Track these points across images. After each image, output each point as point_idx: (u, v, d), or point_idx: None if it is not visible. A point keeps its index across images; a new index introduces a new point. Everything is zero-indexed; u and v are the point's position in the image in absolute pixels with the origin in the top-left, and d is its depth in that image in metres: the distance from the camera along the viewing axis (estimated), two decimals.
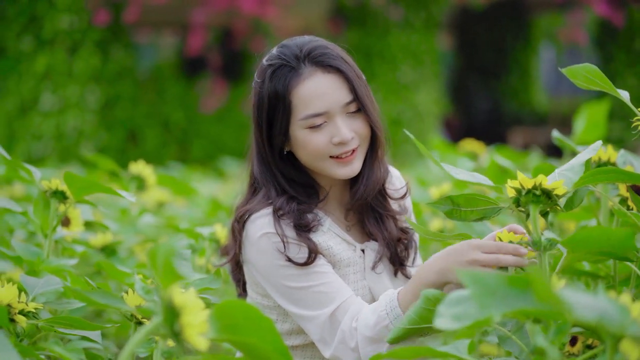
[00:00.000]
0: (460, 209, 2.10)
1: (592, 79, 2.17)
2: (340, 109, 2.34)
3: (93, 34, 13.60)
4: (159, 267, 1.51)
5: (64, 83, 13.46)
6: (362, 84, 2.37)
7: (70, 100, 13.42)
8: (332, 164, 2.36)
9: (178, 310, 1.53)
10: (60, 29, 13.47)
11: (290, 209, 2.34)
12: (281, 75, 2.33)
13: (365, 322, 2.22)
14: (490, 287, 1.43)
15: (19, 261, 2.53)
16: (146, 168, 3.55)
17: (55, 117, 13.38)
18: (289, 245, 2.30)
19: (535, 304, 1.36)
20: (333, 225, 2.42)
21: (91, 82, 13.61)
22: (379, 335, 2.19)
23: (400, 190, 2.57)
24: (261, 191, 2.42)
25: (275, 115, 2.35)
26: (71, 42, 13.55)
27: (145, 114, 14.20)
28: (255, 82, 2.41)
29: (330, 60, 2.34)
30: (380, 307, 2.22)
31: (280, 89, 2.33)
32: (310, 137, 2.33)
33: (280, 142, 2.38)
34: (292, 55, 2.35)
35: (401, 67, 14.61)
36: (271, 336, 1.62)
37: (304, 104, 2.32)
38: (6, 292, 2.01)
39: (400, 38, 14.65)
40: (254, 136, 2.43)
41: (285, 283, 2.30)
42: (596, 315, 1.27)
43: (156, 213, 4.39)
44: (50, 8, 13.51)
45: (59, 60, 13.44)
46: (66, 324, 2.04)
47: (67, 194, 2.55)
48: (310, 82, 2.33)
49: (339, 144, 2.34)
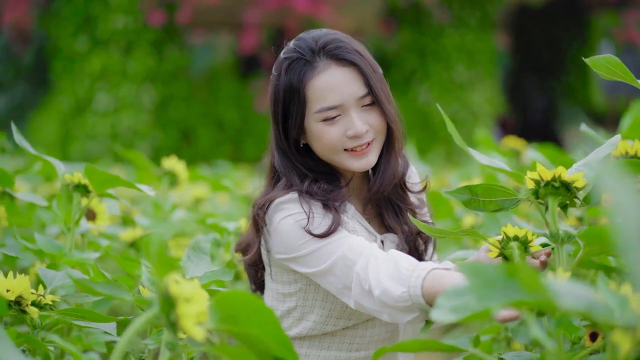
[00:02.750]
0: (479, 199, 2.07)
1: (614, 70, 2.16)
2: (354, 102, 2.32)
3: (147, 35, 13.71)
4: (153, 257, 1.50)
5: (118, 83, 13.57)
6: (377, 77, 2.36)
7: (124, 100, 13.54)
8: (346, 157, 2.35)
9: (174, 300, 1.52)
10: (115, 29, 13.58)
11: (319, 188, 2.33)
12: (296, 69, 2.33)
13: (386, 287, 2.12)
14: (489, 278, 1.40)
15: (40, 254, 2.54)
16: (178, 164, 3.55)
17: (110, 117, 13.50)
18: (314, 219, 2.28)
19: (533, 295, 1.33)
20: (356, 214, 2.41)
21: (146, 82, 13.71)
22: (398, 302, 2.11)
23: (419, 184, 2.55)
24: (282, 180, 2.41)
25: (291, 108, 2.34)
26: (126, 42, 13.66)
27: (199, 114, 14.28)
28: (273, 75, 2.41)
29: (345, 53, 2.33)
30: (403, 288, 2.12)
31: (295, 82, 2.32)
32: (325, 130, 2.32)
33: (296, 135, 2.38)
34: (307, 48, 2.34)
35: (455, 66, 14.54)
36: (272, 327, 1.60)
37: (319, 97, 2.31)
38: (18, 284, 2.01)
39: (454, 37, 14.58)
40: (272, 129, 2.43)
41: (309, 256, 2.28)
42: (584, 305, 1.24)
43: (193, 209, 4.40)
44: (105, 8, 13.63)
45: (114, 60, 13.56)
46: (78, 316, 2.04)
47: (89, 188, 2.55)
48: (325, 75, 2.32)
49: (353, 137, 2.33)
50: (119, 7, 13.60)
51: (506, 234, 2.08)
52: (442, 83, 14.38)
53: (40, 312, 2.07)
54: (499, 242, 2.09)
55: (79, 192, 2.57)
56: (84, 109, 13.68)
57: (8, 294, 2.01)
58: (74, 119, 13.73)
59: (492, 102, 14.88)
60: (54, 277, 2.26)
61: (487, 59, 14.93)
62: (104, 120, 13.50)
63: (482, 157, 2.01)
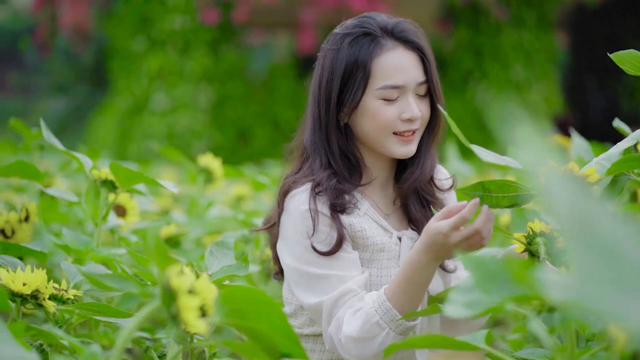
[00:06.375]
0: (492, 195, 2.06)
1: (637, 65, 2.14)
2: (413, 87, 2.34)
3: (204, 34, 13.79)
4: (152, 251, 1.50)
5: (175, 83, 13.67)
6: (435, 69, 2.39)
7: (181, 99, 13.63)
8: (393, 140, 2.35)
9: (175, 293, 1.52)
10: (172, 29, 13.68)
11: (329, 186, 2.32)
12: (363, 43, 2.33)
13: (349, 328, 2.22)
14: (491, 272, 1.38)
15: (67, 250, 2.56)
16: (214, 161, 3.56)
17: (167, 116, 13.59)
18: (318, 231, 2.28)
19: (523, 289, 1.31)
20: (370, 210, 2.40)
21: (202, 82, 13.79)
22: (367, 334, 2.19)
23: (446, 181, 2.53)
24: (308, 162, 2.41)
25: (350, 82, 2.34)
26: (182, 42, 13.76)
27: (255, 114, 14.34)
28: (327, 50, 2.39)
29: (413, 37, 2.35)
30: (368, 306, 2.20)
31: (362, 56, 2.32)
32: (382, 108, 2.32)
33: (348, 110, 2.36)
34: (377, 26, 2.35)
35: (513, 65, 14.44)
36: (280, 322, 1.59)
37: (384, 74, 2.32)
38: (34, 278, 2.03)
39: (512, 36, 14.48)
40: (313, 104, 2.41)
41: (304, 267, 2.29)
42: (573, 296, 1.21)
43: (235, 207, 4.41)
44: (162, 8, 13.73)
45: (171, 60, 13.66)
46: (96, 310, 2.05)
47: (116, 184, 2.57)
48: (393, 54, 2.32)
49: (407, 121, 2.33)
50: (175, 7, 13.70)
51: (532, 230, 2.06)
52: (499, 83, 14.29)
53: (59, 307, 2.08)
54: (524, 237, 2.07)
55: (106, 187, 2.59)
56: (142, 108, 13.80)
57: (24, 288, 2.02)
58: (131, 118, 13.86)
59: (550, 102, 14.75)
60: (77, 272, 2.28)
61: (545, 58, 14.82)
62: (161, 120, 13.61)
63: (486, 154, 1.99)
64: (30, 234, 2.69)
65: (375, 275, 2.34)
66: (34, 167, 2.66)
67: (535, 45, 14.67)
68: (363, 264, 2.34)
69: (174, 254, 3.13)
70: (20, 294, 2.04)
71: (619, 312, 0.85)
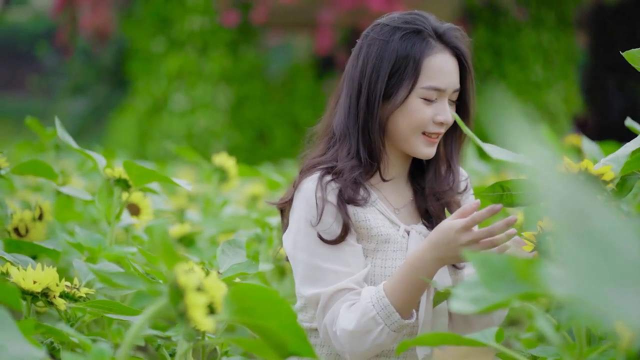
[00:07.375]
0: (511, 194, 2.06)
1: None
2: (450, 93, 2.39)
3: (223, 35, 13.80)
4: (159, 248, 1.51)
5: (194, 83, 13.69)
6: (472, 78, 2.45)
7: (201, 100, 13.64)
8: (421, 140, 2.38)
9: (182, 291, 1.52)
10: (191, 30, 13.70)
11: (349, 177, 2.34)
12: (415, 41, 2.36)
13: (345, 321, 2.23)
14: (498, 270, 1.38)
15: (80, 248, 2.57)
16: (228, 160, 3.57)
17: (186, 117, 13.61)
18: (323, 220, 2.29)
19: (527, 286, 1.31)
20: (378, 202, 2.40)
21: (221, 83, 13.80)
22: (363, 327, 2.19)
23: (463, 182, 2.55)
24: (334, 147, 2.41)
25: (397, 75, 2.36)
26: (202, 43, 13.78)
27: (274, 114, 14.34)
28: (374, 38, 2.38)
29: (462, 45, 2.41)
30: (365, 300, 2.21)
31: (414, 52, 2.35)
32: (421, 107, 2.36)
33: (391, 108, 2.37)
34: (430, 27, 2.38)
35: (532, 66, 14.39)
36: (289, 320, 1.59)
37: (431, 74, 2.36)
38: (45, 276, 2.04)
39: (531, 37, 14.44)
40: (352, 90, 2.40)
41: (307, 255, 2.30)
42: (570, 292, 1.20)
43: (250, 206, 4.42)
44: (182, 9, 13.76)
45: (190, 60, 13.68)
46: (106, 308, 2.06)
47: (129, 182, 2.58)
48: (442, 57, 2.37)
49: (439, 123, 2.38)
50: (195, 8, 13.72)
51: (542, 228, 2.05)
52: (518, 83, 14.24)
53: (71, 305, 2.09)
54: (534, 236, 2.06)
55: (119, 186, 2.60)
56: (161, 109, 13.83)
57: (34, 286, 2.03)
58: (150, 119, 13.89)
59: (569, 102, 14.70)
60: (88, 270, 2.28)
61: (564, 59, 14.76)
62: (180, 120, 13.62)
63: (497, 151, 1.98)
64: (44, 232, 2.71)
65: (379, 266, 2.35)
66: (48, 166, 2.67)
67: (555, 45, 14.62)
68: (367, 255, 2.35)
69: (188, 252, 3.14)
70: (31, 292, 2.05)
71: (615, 308, 0.85)
